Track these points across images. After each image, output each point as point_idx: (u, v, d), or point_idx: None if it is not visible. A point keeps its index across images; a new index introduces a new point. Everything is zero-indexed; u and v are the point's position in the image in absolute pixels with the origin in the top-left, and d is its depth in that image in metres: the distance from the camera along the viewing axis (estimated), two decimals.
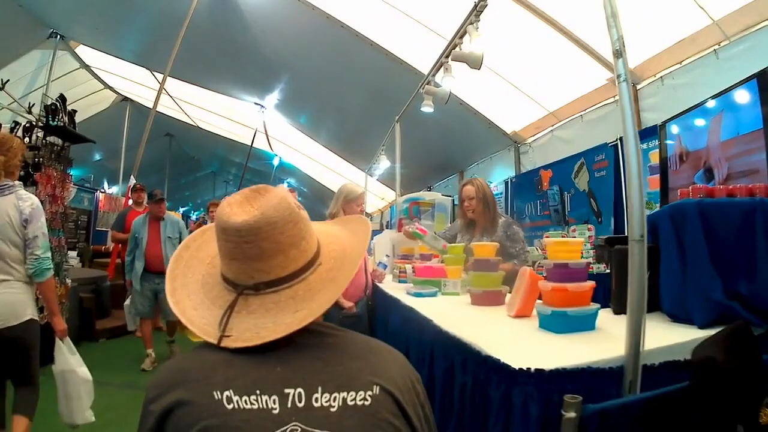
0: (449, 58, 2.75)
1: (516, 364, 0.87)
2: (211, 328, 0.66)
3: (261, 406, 0.58)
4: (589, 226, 3.21)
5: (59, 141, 3.40)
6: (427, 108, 3.35)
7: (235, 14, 5.35)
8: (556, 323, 1.13)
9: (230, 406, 0.57)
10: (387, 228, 7.33)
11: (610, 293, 1.37)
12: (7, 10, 5.62)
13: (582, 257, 1.24)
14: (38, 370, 2.08)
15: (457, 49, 2.66)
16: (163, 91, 8.33)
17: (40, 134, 3.37)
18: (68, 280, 3.86)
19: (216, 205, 4.32)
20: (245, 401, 0.58)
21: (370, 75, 5.61)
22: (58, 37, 7.01)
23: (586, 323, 1.14)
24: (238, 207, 0.66)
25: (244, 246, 0.64)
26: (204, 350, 0.65)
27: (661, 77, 3.81)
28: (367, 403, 0.61)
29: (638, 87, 4.05)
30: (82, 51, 7.58)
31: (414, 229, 2.47)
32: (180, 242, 3.15)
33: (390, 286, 2.60)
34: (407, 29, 4.72)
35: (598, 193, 4.08)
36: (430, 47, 4.39)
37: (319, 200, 11.12)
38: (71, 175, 3.70)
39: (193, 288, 0.73)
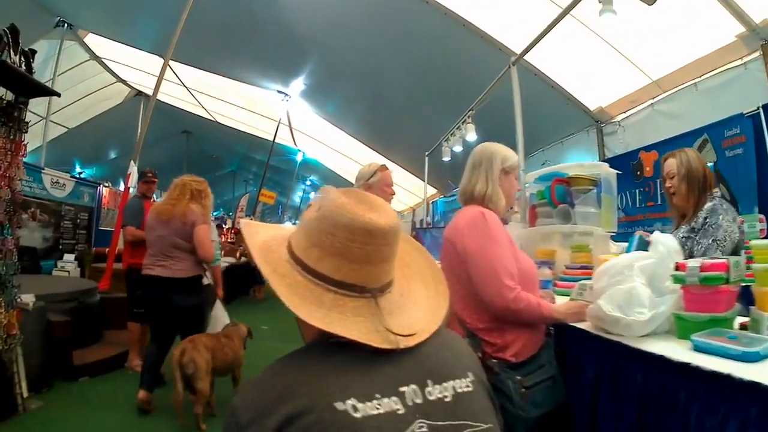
0: None
1: None
2: (372, 334, 0.59)
3: (386, 409, 0.54)
4: (760, 216, 2.37)
5: (10, 95, 2.36)
6: (610, 13, 2.19)
7: None
8: None
9: (358, 415, 0.52)
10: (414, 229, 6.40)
11: None
12: None
13: None
14: None
15: None
16: (180, 82, 7.74)
17: None
18: (20, 299, 2.54)
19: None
20: (371, 407, 0.54)
21: (422, 42, 4.62)
22: (66, 25, 6.45)
23: None
24: (368, 210, 0.61)
25: (383, 248, 0.62)
26: (295, 360, 0.59)
27: None
28: (470, 389, 0.62)
29: None
30: (92, 40, 6.99)
31: None
32: None
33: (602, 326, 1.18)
34: None
35: (731, 175, 3.23)
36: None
37: None
38: (25, 145, 2.49)
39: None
